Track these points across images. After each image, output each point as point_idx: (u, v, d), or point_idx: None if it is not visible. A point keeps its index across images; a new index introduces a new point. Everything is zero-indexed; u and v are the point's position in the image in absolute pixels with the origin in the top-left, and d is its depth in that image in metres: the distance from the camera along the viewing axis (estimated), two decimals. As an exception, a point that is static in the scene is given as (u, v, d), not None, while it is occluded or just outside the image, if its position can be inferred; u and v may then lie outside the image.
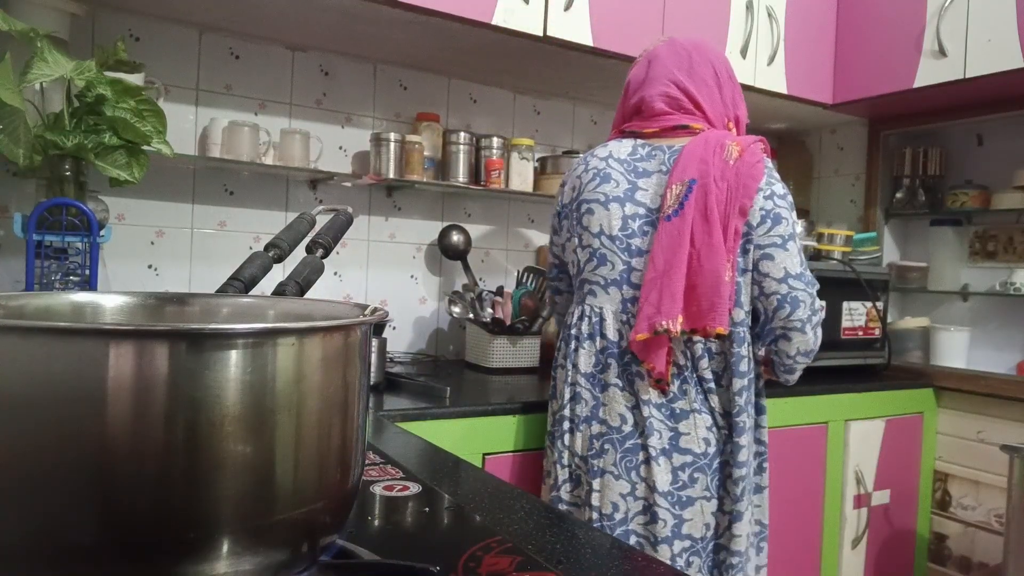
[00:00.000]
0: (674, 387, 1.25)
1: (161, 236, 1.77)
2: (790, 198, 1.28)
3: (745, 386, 1.25)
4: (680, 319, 1.20)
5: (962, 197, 2.28)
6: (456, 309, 1.94)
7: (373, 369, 1.56)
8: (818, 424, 1.92)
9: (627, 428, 1.27)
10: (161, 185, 1.75)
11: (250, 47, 1.85)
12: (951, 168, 2.41)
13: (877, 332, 2.18)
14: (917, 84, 2.09)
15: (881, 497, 2.05)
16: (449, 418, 1.40)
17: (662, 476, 1.24)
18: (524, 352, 1.91)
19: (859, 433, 1.99)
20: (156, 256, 1.77)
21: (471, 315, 1.94)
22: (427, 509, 0.75)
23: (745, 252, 1.24)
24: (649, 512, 1.25)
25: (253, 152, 1.73)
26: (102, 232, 1.33)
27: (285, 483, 0.45)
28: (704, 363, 1.26)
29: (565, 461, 1.34)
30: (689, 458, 1.25)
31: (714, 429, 1.26)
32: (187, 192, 1.80)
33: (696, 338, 1.25)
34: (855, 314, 2.12)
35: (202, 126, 1.79)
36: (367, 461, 0.91)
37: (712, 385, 1.26)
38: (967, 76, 1.99)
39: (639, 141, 1.34)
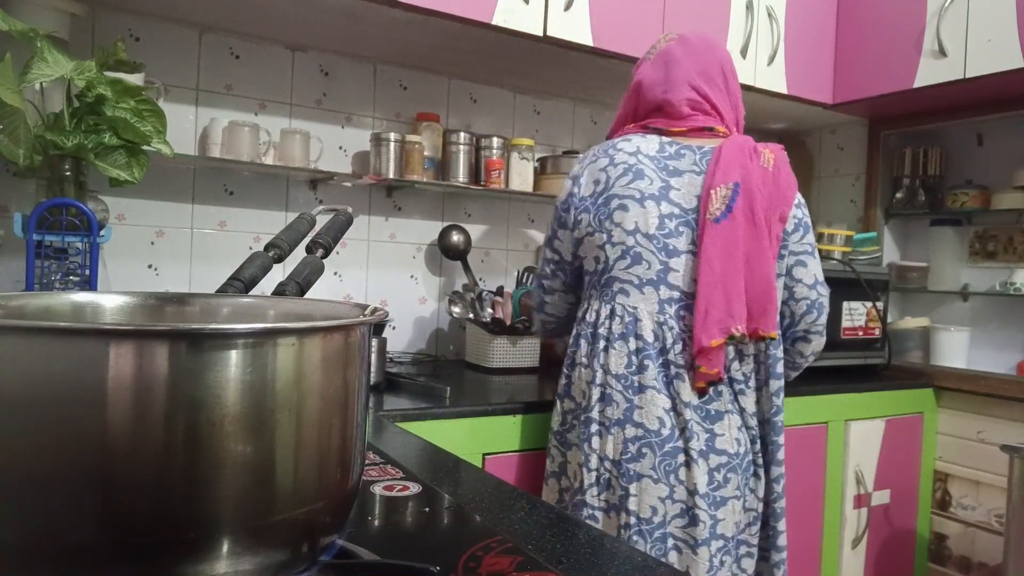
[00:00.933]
0: (710, 389, 1.26)
1: (161, 236, 1.77)
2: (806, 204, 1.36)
3: (781, 387, 1.30)
4: (740, 326, 1.23)
5: (962, 197, 2.28)
6: (456, 309, 1.94)
7: (373, 369, 1.56)
8: (818, 424, 1.92)
9: (666, 431, 1.24)
10: (161, 185, 1.75)
11: (250, 47, 1.85)
12: (951, 168, 2.41)
13: (877, 332, 2.17)
14: (917, 84, 2.09)
15: (881, 497, 2.05)
16: (449, 418, 1.40)
17: (701, 478, 1.23)
18: (524, 352, 1.91)
19: (859, 433, 1.99)
20: (156, 256, 1.77)
21: (471, 315, 1.94)
22: (427, 509, 0.75)
23: (780, 258, 1.29)
24: (688, 515, 1.24)
25: (253, 152, 1.73)
26: (102, 232, 1.33)
27: (285, 483, 0.45)
28: (736, 365, 1.27)
29: (593, 465, 1.28)
30: (724, 458, 1.25)
31: (744, 429, 1.28)
32: (187, 192, 1.80)
33: (728, 341, 1.26)
34: (855, 314, 2.12)
35: (202, 126, 1.79)
36: (367, 461, 0.91)
37: (742, 387, 1.28)
38: (967, 76, 1.99)
39: (665, 139, 1.32)
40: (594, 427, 1.28)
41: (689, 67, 1.32)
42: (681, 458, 1.24)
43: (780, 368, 1.29)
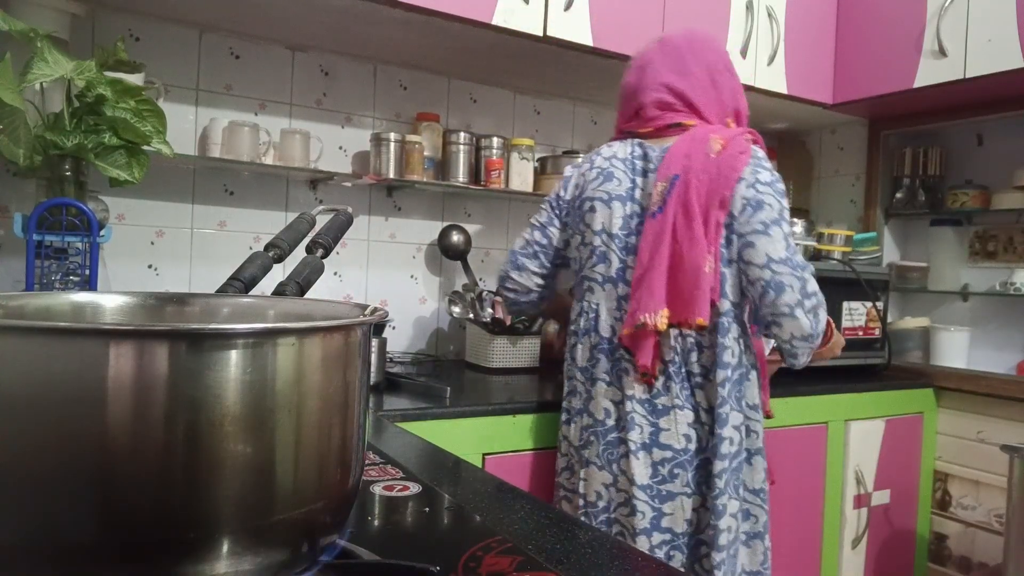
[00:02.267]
0: (658, 383, 1.26)
1: (161, 236, 1.77)
2: (780, 185, 1.26)
3: (729, 377, 1.24)
4: (664, 313, 1.21)
5: (962, 197, 2.28)
6: (456, 309, 1.94)
7: (373, 369, 1.56)
8: (818, 424, 1.92)
9: (610, 422, 1.30)
10: (161, 185, 1.75)
11: (250, 47, 1.85)
12: (951, 168, 2.41)
13: (877, 332, 2.17)
14: (917, 84, 2.09)
15: (881, 497, 2.05)
16: (449, 418, 1.40)
17: (640, 470, 1.25)
18: (524, 352, 1.91)
19: (859, 433, 1.99)
20: (156, 256, 1.77)
21: (471, 315, 1.94)
22: (427, 509, 0.75)
23: (729, 243, 1.24)
24: (629, 504, 1.26)
25: (253, 152, 1.73)
26: (102, 232, 1.33)
27: (285, 483, 0.45)
28: (693, 357, 1.26)
29: (563, 450, 1.40)
30: (668, 453, 1.26)
31: (696, 426, 1.26)
32: (187, 192, 1.80)
33: (686, 332, 1.25)
34: (855, 314, 2.12)
35: (202, 126, 1.79)
36: (367, 461, 0.91)
37: (700, 380, 1.26)
38: (967, 76, 1.99)
39: (636, 141, 1.36)
40: (564, 416, 1.40)
41: (663, 67, 1.33)
42: (622, 448, 1.28)
43: (727, 357, 1.24)
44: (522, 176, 2.06)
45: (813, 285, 1.23)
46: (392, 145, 1.89)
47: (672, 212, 1.23)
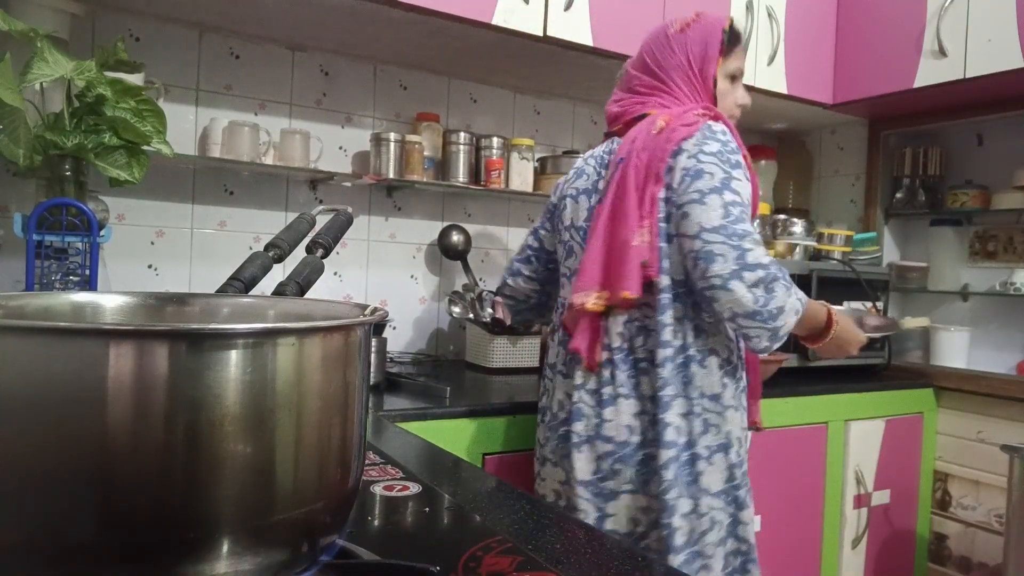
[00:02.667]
0: (606, 372, 1.21)
1: (161, 236, 1.77)
2: (732, 156, 1.16)
3: (670, 357, 1.16)
4: (599, 294, 1.19)
5: (962, 197, 2.28)
6: (456, 309, 1.94)
7: (373, 369, 1.56)
8: (818, 424, 1.92)
9: (562, 414, 1.28)
10: (161, 185, 1.75)
11: (250, 47, 1.85)
12: (951, 168, 2.41)
13: (877, 332, 2.17)
14: (917, 84, 2.09)
15: (881, 497, 2.05)
16: (449, 418, 1.40)
17: (582, 464, 1.22)
18: (524, 352, 1.91)
19: (859, 433, 1.99)
20: (156, 256, 1.77)
21: (471, 315, 1.94)
22: (427, 509, 0.75)
23: (669, 217, 1.18)
24: (577, 503, 1.23)
25: (253, 152, 1.73)
26: (102, 232, 1.33)
27: (285, 483, 0.45)
28: (639, 342, 1.20)
29: (536, 455, 1.37)
30: (610, 447, 1.19)
31: (640, 416, 1.18)
32: (187, 192, 1.80)
33: (633, 317, 1.21)
34: (855, 314, 2.12)
35: (202, 126, 1.79)
36: (367, 461, 0.91)
37: (646, 365, 1.19)
38: (967, 76, 1.99)
39: (613, 139, 1.38)
40: (538, 417, 1.38)
41: (618, 90, 1.39)
42: (569, 442, 1.24)
43: (667, 335, 1.16)
44: (522, 176, 2.06)
45: (757, 256, 1.09)
46: (392, 145, 1.89)
47: (611, 194, 1.23)
